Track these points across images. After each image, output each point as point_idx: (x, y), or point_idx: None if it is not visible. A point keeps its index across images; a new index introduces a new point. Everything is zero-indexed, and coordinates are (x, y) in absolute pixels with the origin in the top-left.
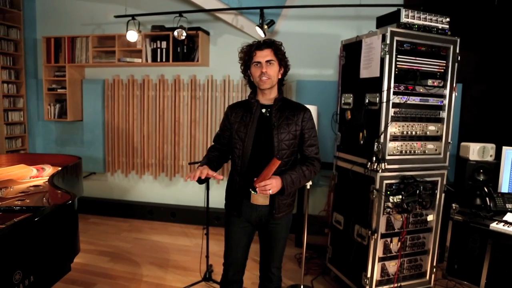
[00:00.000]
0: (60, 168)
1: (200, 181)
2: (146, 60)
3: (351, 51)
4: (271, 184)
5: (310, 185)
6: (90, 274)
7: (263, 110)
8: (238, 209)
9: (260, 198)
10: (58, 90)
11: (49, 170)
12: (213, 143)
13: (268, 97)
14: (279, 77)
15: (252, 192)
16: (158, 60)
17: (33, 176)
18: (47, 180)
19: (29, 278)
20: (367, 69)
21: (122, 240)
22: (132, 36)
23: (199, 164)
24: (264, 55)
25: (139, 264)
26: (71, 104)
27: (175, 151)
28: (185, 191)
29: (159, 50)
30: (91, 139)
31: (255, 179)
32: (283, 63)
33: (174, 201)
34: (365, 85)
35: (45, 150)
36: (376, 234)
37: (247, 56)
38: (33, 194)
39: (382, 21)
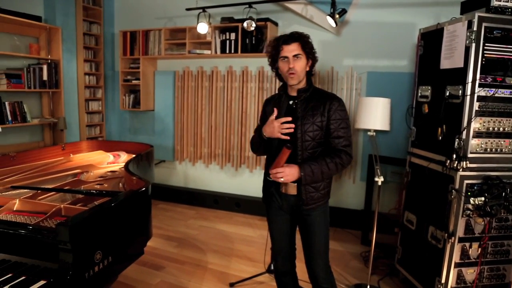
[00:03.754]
0: (134, 155)
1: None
2: (215, 52)
3: (430, 40)
4: (283, 172)
5: (382, 182)
6: (159, 258)
7: (291, 102)
8: (270, 198)
9: (288, 187)
10: (133, 81)
11: (124, 156)
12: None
13: (296, 88)
14: (307, 69)
15: (268, 178)
16: (227, 51)
17: (110, 162)
18: (122, 166)
19: (108, 258)
20: (449, 59)
21: (188, 226)
22: (203, 28)
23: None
24: (291, 50)
25: (204, 252)
26: (144, 95)
27: (241, 142)
28: (250, 182)
29: (228, 41)
30: (162, 128)
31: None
32: (311, 56)
33: (239, 191)
34: (446, 76)
35: (119, 138)
36: (453, 238)
37: (275, 50)
38: (110, 179)
39: (467, 6)
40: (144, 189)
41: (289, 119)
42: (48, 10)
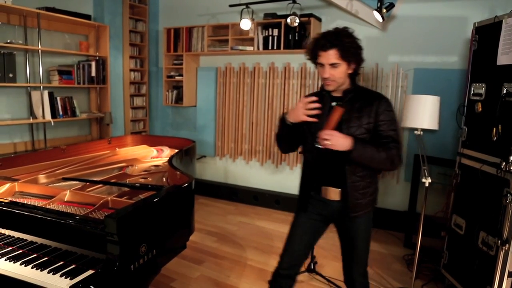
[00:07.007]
0: (176, 150)
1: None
2: (258, 48)
3: (486, 35)
4: (333, 136)
5: (429, 183)
6: (199, 252)
7: (333, 103)
8: (306, 203)
9: (331, 193)
10: (176, 77)
11: (167, 151)
12: None
13: (341, 89)
14: (350, 71)
15: (315, 145)
16: (269, 48)
17: (153, 157)
18: (166, 160)
19: (152, 251)
20: (508, 55)
21: (228, 222)
22: (246, 24)
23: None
24: (328, 58)
25: (243, 247)
26: (186, 91)
27: None
28: (290, 179)
29: (270, 37)
30: (203, 124)
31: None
32: (354, 59)
33: (279, 188)
34: (503, 73)
35: (162, 133)
36: (507, 245)
37: (312, 55)
38: (154, 173)
39: None
40: (187, 184)
41: (315, 98)
42: (97, 9)
